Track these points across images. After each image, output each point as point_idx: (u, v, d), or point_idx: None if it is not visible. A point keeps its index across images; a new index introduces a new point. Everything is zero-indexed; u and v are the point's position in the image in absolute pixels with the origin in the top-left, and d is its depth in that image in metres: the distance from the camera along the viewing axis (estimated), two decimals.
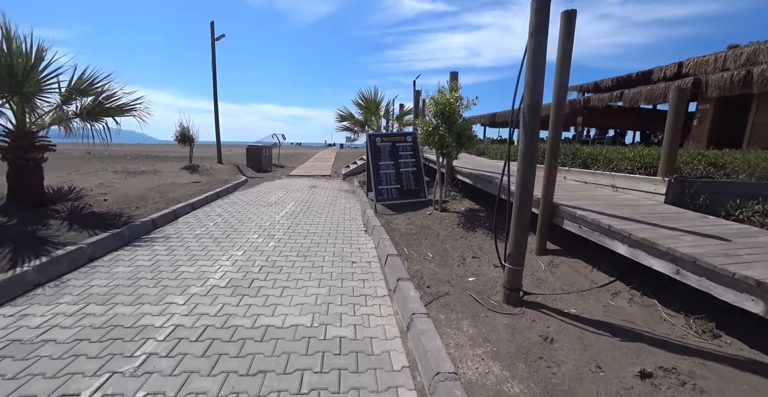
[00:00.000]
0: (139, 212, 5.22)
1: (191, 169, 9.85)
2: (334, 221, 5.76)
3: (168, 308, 2.72)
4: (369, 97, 10.13)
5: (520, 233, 2.75)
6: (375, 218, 5.51)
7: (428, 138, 5.40)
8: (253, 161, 13.38)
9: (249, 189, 8.97)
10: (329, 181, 11.02)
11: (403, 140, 6.81)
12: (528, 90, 2.54)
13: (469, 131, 5.20)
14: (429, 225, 5.18)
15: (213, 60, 13.34)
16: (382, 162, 6.54)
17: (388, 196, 6.35)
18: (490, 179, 5.31)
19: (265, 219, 5.75)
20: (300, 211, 6.49)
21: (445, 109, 4.99)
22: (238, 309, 2.74)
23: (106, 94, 4.90)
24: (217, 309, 2.73)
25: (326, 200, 7.66)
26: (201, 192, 7.28)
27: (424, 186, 6.55)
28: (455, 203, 6.32)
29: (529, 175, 2.69)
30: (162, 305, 2.77)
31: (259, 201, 7.32)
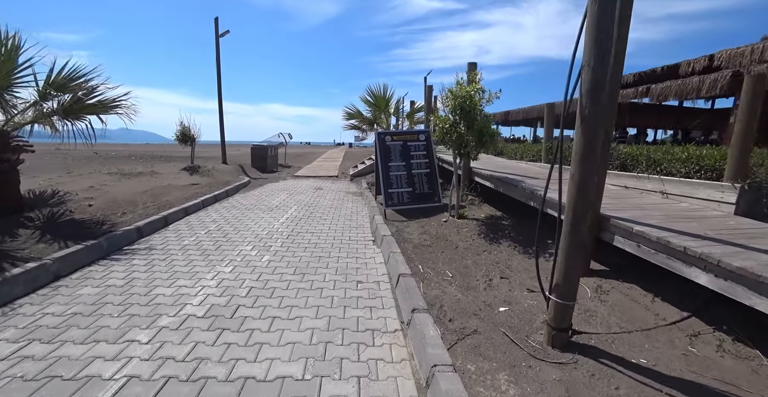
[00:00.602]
0: (124, 219, 4.74)
1: (191, 171, 9.41)
2: (339, 229, 5.20)
3: (126, 350, 2.18)
4: (378, 94, 9.53)
5: (572, 259, 2.13)
6: (384, 226, 4.93)
7: (444, 136, 4.79)
8: (257, 161, 12.92)
9: (251, 191, 8.48)
10: (336, 183, 10.48)
11: (416, 139, 6.20)
12: (588, 70, 1.92)
13: (491, 129, 4.57)
14: (445, 235, 4.58)
15: (217, 57, 12.91)
16: (392, 163, 5.95)
17: (399, 200, 5.76)
18: (516, 183, 4.67)
19: (264, 226, 5.22)
20: (302, 216, 5.94)
21: (465, 103, 4.37)
22: (214, 351, 2.19)
23: (86, 90, 4.40)
24: (187, 351, 2.18)
25: (331, 204, 7.11)
26: (198, 195, 6.80)
27: (438, 189, 5.94)
28: (473, 209, 5.69)
29: (586, 185, 2.06)
30: (120, 344, 2.23)
31: (260, 205, 6.80)
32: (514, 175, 5.42)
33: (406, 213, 5.76)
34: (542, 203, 2.46)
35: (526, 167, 6.59)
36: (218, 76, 12.96)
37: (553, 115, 6.42)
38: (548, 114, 6.31)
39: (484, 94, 4.44)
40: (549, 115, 6.31)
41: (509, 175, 5.45)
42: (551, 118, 6.34)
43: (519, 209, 5.29)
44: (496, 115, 21.63)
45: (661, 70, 14.75)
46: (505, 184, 4.90)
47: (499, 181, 5.07)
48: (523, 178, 5.11)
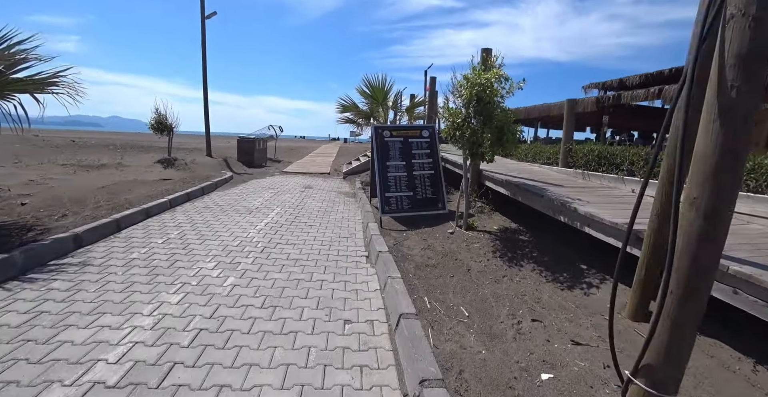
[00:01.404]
0: (62, 223, 3.87)
1: (166, 164, 8.49)
2: (327, 240, 4.38)
3: None
4: (376, 85, 8.67)
5: (679, 329, 1.35)
6: (380, 238, 4.13)
7: (455, 133, 3.99)
8: (244, 155, 11.99)
9: (231, 189, 7.61)
10: (327, 181, 9.64)
11: (418, 135, 5.40)
12: (744, 23, 1.13)
13: (513, 126, 3.78)
14: (454, 252, 3.80)
15: (203, 40, 11.91)
16: (390, 162, 5.14)
17: (398, 206, 4.96)
18: (539, 192, 3.90)
19: (237, 234, 4.38)
20: (285, 221, 5.11)
21: (483, 92, 3.57)
22: None
23: (9, 62, 3.50)
24: None
25: (320, 207, 6.28)
26: (167, 193, 5.92)
27: (443, 194, 5.15)
28: (483, 219, 4.92)
29: (718, 218, 1.28)
30: None
31: (238, 206, 5.95)
32: (532, 181, 4.65)
33: (405, 221, 4.97)
34: (627, 237, 1.67)
35: (541, 171, 5.83)
36: (203, 61, 11.96)
37: (574, 113, 5.67)
38: (569, 112, 5.56)
39: (506, 84, 3.64)
40: (570, 113, 5.57)
41: (527, 180, 4.67)
42: (572, 117, 5.59)
43: (537, 221, 4.53)
44: None
45: (669, 72, 14.08)
46: (525, 192, 4.13)
47: (518, 189, 4.30)
48: (545, 186, 4.35)
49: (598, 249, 3.60)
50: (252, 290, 2.92)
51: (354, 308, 2.71)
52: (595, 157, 5.06)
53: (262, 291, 2.91)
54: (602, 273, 3.25)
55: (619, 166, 4.63)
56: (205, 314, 2.49)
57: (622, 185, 4.40)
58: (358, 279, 3.27)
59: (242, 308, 2.61)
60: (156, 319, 2.40)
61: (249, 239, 4.25)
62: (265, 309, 2.62)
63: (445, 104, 4.05)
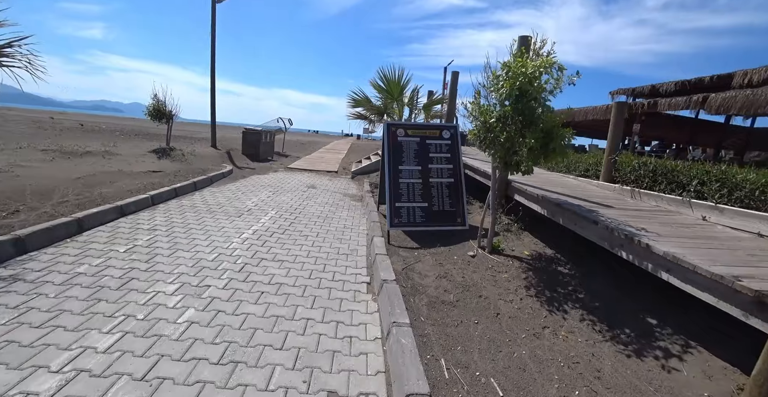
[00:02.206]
0: (9, 221, 3.23)
1: (162, 154, 7.90)
2: (322, 257, 3.67)
3: None
4: (392, 79, 7.91)
5: None
6: (386, 260, 3.39)
7: (486, 135, 3.22)
8: (249, 148, 11.37)
9: (228, 184, 6.95)
10: (334, 180, 8.94)
11: (437, 136, 4.63)
12: None
13: (562, 131, 2.98)
14: (476, 284, 3.05)
15: (213, 24, 11.30)
16: (403, 166, 4.39)
17: (409, 219, 4.21)
18: (589, 216, 3.09)
19: (216, 244, 3.70)
20: (277, 229, 4.42)
21: (527, 85, 2.77)
22: None
23: None
24: None
25: (321, 211, 5.57)
26: (152, 187, 5.29)
27: (463, 207, 4.38)
28: (510, 239, 4.14)
29: None
30: None
31: (229, 206, 5.28)
32: (572, 198, 3.85)
33: (417, 237, 4.22)
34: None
35: (578, 185, 5.00)
36: (212, 46, 11.36)
37: (623, 118, 4.82)
38: (617, 116, 4.72)
39: (561, 75, 2.83)
40: (618, 117, 4.72)
41: (567, 197, 3.87)
42: (620, 122, 4.75)
43: (577, 245, 3.74)
44: None
45: (710, 80, 12.95)
46: (571, 214, 3.32)
47: (559, 209, 3.49)
48: (591, 206, 3.54)
49: (671, 297, 2.80)
50: (212, 332, 2.21)
51: (344, 371, 1.98)
52: (648, 173, 4.21)
53: (226, 335, 2.20)
54: (684, 337, 2.43)
55: (683, 185, 3.79)
56: (135, 374, 1.79)
57: (687, 210, 3.57)
58: (355, 319, 2.54)
59: (190, 364, 1.90)
60: (62, 380, 1.70)
61: (230, 251, 3.55)
62: (222, 367, 1.90)
63: (475, 99, 3.27)
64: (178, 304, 2.48)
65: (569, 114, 2.83)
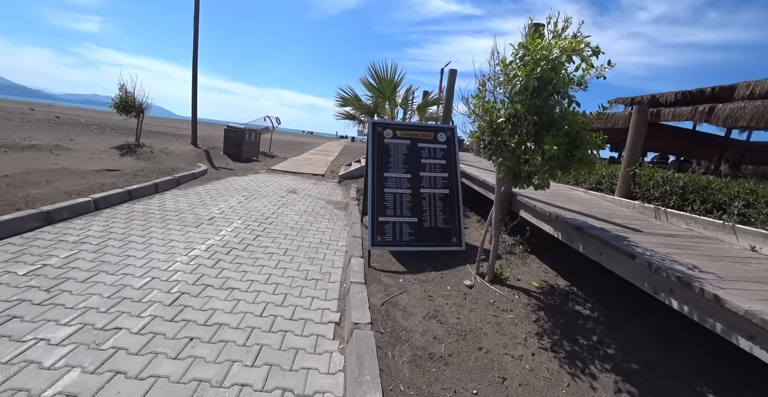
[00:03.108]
0: None
1: (126, 151, 7.13)
2: (285, 284, 2.97)
3: None
4: (383, 76, 7.27)
5: None
6: (362, 291, 2.71)
7: (491, 139, 2.57)
8: (231, 147, 10.62)
9: (197, 187, 6.21)
10: (318, 185, 8.23)
11: (431, 139, 3.97)
12: None
13: (591, 136, 2.33)
14: (475, 329, 2.38)
15: (196, 15, 10.56)
16: (390, 173, 3.72)
17: (395, 237, 3.53)
18: (626, 248, 2.43)
19: (155, 265, 2.98)
20: (238, 244, 3.71)
21: (551, 71, 2.11)
22: None
23: None
24: None
25: (297, 221, 4.87)
26: (101, 189, 4.55)
27: (459, 224, 3.72)
28: (515, 264, 3.49)
29: None
30: None
31: (189, 213, 4.55)
32: (591, 218, 3.20)
33: (404, 258, 3.55)
34: None
35: (592, 200, 4.38)
36: (195, 38, 10.60)
37: (645, 124, 4.21)
38: (639, 123, 4.11)
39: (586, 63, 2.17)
40: (640, 124, 4.11)
41: (586, 217, 3.23)
42: (642, 130, 4.14)
43: (596, 274, 3.10)
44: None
45: (711, 91, 12.53)
46: (592, 240, 2.66)
47: (578, 233, 2.83)
48: (619, 230, 2.90)
49: (738, 356, 2.16)
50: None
51: None
52: (677, 189, 3.59)
53: None
54: None
55: (721, 206, 3.17)
56: None
57: (730, 237, 2.95)
58: (309, 386, 1.84)
59: None
60: None
61: (168, 274, 2.84)
62: None
63: (480, 92, 2.62)
64: (59, 362, 1.76)
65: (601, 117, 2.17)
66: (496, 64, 2.50)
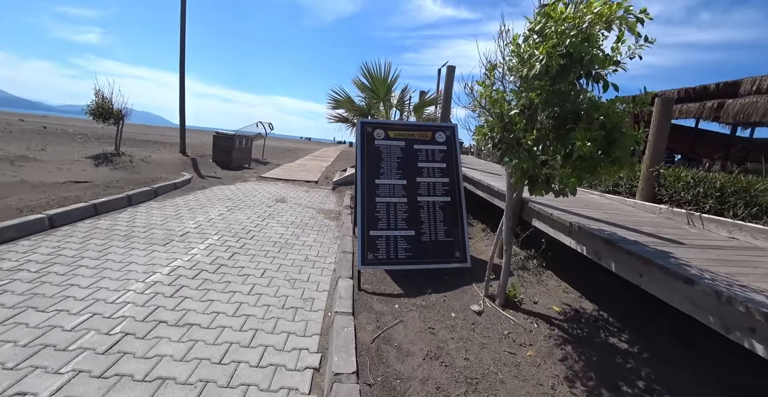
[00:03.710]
0: None
1: (102, 160, 6.66)
2: (256, 318, 2.47)
3: None
4: (377, 76, 6.83)
5: None
6: (348, 326, 2.22)
7: (501, 136, 2.10)
8: (220, 154, 10.16)
9: (177, 198, 5.73)
10: (311, 192, 7.75)
11: (429, 139, 3.50)
12: None
13: (633, 131, 1.85)
14: (488, 374, 1.88)
15: (182, 19, 10.17)
16: (383, 180, 3.24)
17: (389, 254, 3.04)
18: (677, 270, 1.95)
19: (99, 297, 2.49)
20: (209, 265, 3.21)
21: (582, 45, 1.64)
22: None
23: None
24: None
25: (283, 234, 4.38)
26: (63, 203, 4.07)
27: (463, 236, 3.23)
28: (529, 281, 3.00)
29: None
30: None
31: (159, 229, 4.06)
32: (617, 227, 2.72)
33: (400, 278, 3.06)
34: None
35: (609, 205, 3.90)
36: (182, 42, 10.19)
37: (668, 119, 3.75)
38: (662, 116, 3.65)
39: (628, 30, 1.70)
40: (663, 118, 3.65)
41: (612, 227, 2.75)
42: (665, 125, 3.67)
43: (629, 295, 2.61)
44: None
45: (715, 87, 12.12)
46: (626, 256, 2.18)
47: (609, 248, 2.34)
48: (656, 242, 2.42)
49: None
50: None
51: None
52: (713, 192, 3.12)
53: None
54: None
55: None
56: None
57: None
58: None
59: None
60: None
61: (113, 309, 2.34)
62: None
63: (488, 77, 2.15)
64: None
65: (645, 103, 1.68)
66: (506, 45, 2.04)
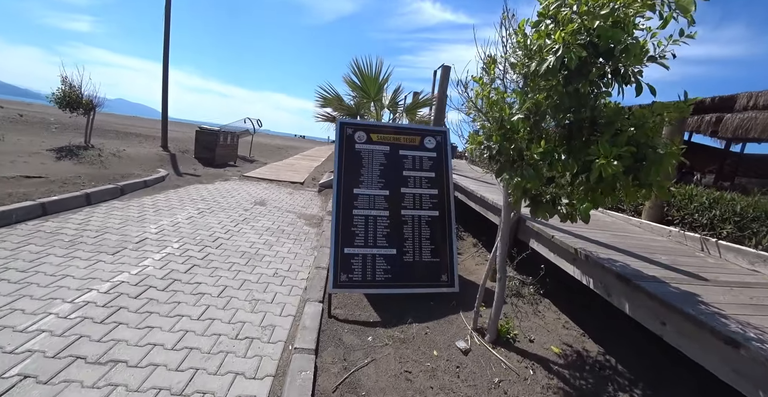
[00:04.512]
0: None
1: (66, 153, 6.15)
2: (203, 352, 2.05)
3: None
4: (367, 74, 6.45)
5: None
6: (308, 367, 1.82)
7: (502, 146, 1.72)
8: (203, 150, 9.67)
9: (145, 197, 5.25)
10: (294, 194, 7.32)
11: (417, 144, 3.12)
12: None
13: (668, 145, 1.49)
14: None
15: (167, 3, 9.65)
16: (362, 189, 2.84)
17: (366, 275, 2.64)
18: (728, 334, 1.59)
19: (12, 323, 2.05)
20: (159, 281, 2.78)
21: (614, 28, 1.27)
22: None
23: None
24: None
25: (254, 244, 3.96)
26: (3, 201, 3.60)
27: (452, 257, 2.84)
28: (525, 312, 2.63)
29: None
30: None
31: (114, 234, 3.61)
32: (629, 256, 2.37)
33: (378, 303, 2.67)
34: None
35: (613, 224, 3.55)
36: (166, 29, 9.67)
37: (682, 133, 3.43)
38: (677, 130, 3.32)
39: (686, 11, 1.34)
40: (678, 131, 3.33)
41: (622, 253, 2.39)
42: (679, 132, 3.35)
43: (636, 330, 2.25)
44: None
45: (710, 101, 12.00)
46: (651, 300, 1.81)
47: (622, 285, 1.97)
48: (675, 277, 2.06)
49: None
50: None
51: None
52: (732, 215, 2.79)
53: None
54: None
55: None
56: None
57: None
58: None
59: None
60: None
61: (21, 339, 1.91)
62: None
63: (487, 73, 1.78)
64: None
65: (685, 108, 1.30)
66: (509, 34, 1.66)
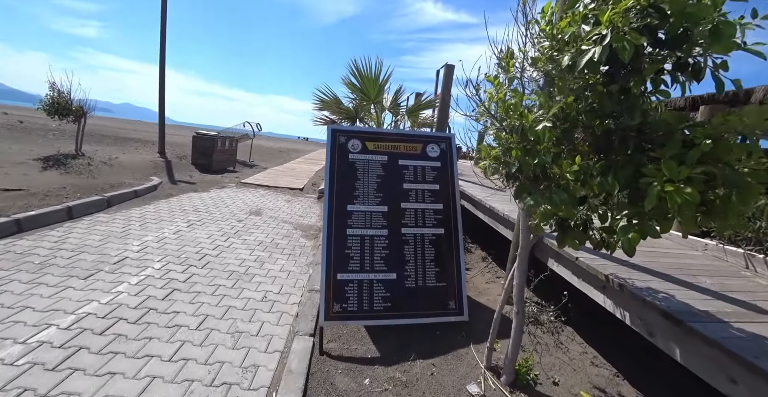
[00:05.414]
0: None
1: (53, 162, 5.90)
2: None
3: None
4: (367, 75, 6.12)
5: None
6: None
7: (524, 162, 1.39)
8: (200, 156, 9.41)
9: (131, 209, 4.97)
10: (292, 202, 7.02)
11: (418, 152, 2.79)
12: None
13: (756, 163, 1.15)
14: None
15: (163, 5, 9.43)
16: (356, 205, 2.52)
17: (362, 304, 2.31)
18: None
19: None
20: (132, 311, 2.48)
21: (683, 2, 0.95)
22: None
23: None
24: None
25: (244, 261, 3.65)
26: None
27: (460, 281, 2.51)
28: (545, 344, 2.29)
29: None
30: None
31: (91, 253, 3.33)
32: (665, 280, 2.02)
33: (376, 335, 2.34)
34: None
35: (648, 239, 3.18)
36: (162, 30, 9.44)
37: None
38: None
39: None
40: None
41: (659, 278, 2.04)
42: None
43: (678, 367, 1.90)
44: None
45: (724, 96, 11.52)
46: (719, 353, 1.48)
47: (671, 325, 1.63)
48: (738, 312, 1.71)
49: None
50: None
51: None
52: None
53: None
54: None
55: None
56: None
57: None
58: None
59: None
60: None
61: None
62: None
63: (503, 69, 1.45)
64: None
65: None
66: (529, 22, 1.33)
